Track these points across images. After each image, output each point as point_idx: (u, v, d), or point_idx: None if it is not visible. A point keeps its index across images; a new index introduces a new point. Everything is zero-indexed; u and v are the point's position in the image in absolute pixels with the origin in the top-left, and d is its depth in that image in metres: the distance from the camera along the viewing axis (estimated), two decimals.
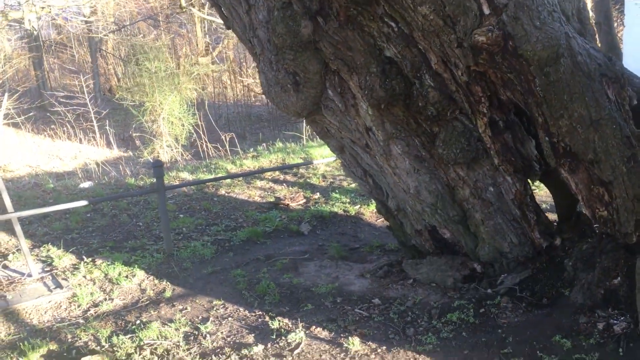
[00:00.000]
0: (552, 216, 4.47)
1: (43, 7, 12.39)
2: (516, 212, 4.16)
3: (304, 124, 11.69)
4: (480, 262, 4.37)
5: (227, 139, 10.53)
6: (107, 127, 14.66)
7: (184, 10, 12.88)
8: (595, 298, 3.68)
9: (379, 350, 3.68)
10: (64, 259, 5.49)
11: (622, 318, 3.54)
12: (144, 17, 23.70)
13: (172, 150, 10.91)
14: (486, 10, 3.19)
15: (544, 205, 4.62)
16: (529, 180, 4.18)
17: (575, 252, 3.98)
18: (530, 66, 3.16)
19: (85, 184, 8.52)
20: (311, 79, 4.10)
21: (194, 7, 12.53)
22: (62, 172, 11.94)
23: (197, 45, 23.10)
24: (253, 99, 20.79)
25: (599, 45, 14.45)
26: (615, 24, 14.88)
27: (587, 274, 3.79)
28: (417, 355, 3.58)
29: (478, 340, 3.67)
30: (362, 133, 4.29)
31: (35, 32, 19.12)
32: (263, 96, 20.74)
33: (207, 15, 12.73)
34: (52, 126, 16.61)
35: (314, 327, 4.04)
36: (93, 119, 15.58)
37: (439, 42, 3.52)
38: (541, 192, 5.81)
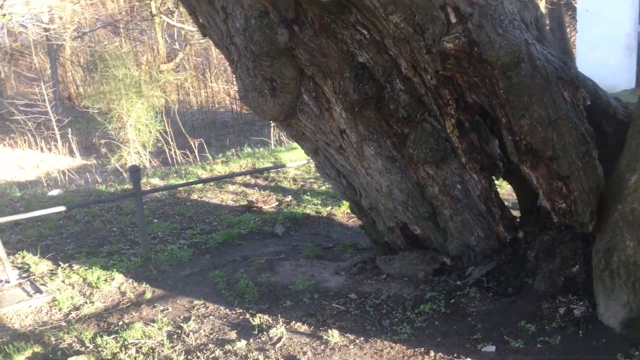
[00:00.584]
0: (516, 212, 4.75)
1: (4, 15, 12.21)
2: (482, 207, 4.43)
3: (272, 130, 11.86)
4: (450, 256, 4.63)
5: (196, 145, 10.60)
6: (70, 135, 14.50)
7: (154, 17, 12.87)
8: (556, 285, 3.96)
9: (357, 341, 3.88)
10: (40, 265, 5.52)
11: (581, 303, 3.83)
12: (104, 24, 23.46)
13: (140, 157, 10.91)
14: (453, 19, 3.44)
15: (507, 202, 4.90)
16: (494, 178, 4.45)
17: (537, 244, 4.27)
18: (494, 70, 3.42)
19: (54, 192, 8.48)
20: (287, 84, 4.28)
21: (162, 14, 12.56)
22: (25, 181, 11.79)
23: (158, 52, 22.97)
24: (217, 105, 20.81)
25: (553, 47, 15.08)
26: (568, 30, 15.56)
27: (548, 263, 4.09)
28: (394, 344, 3.79)
29: (449, 328, 3.91)
30: (336, 135, 4.49)
31: None
32: (227, 102, 20.83)
33: (177, 22, 12.77)
34: (12, 135, 16.31)
35: (293, 322, 4.21)
36: (55, 127, 15.38)
37: (409, 49, 3.75)
38: (503, 191, 6.12)
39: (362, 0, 3.60)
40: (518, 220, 4.62)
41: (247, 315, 4.36)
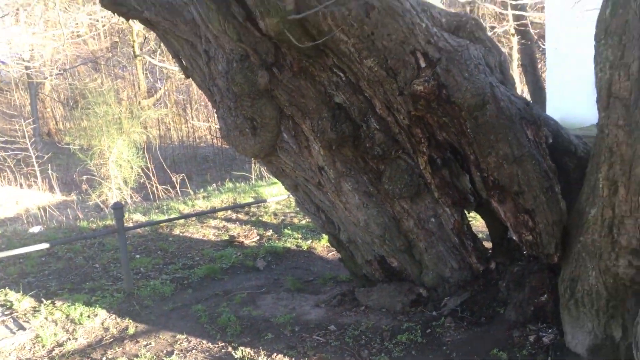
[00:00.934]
0: (488, 244, 4.95)
1: None
2: (455, 240, 4.63)
3: (253, 165, 12.02)
4: (426, 287, 4.79)
5: (178, 180, 10.72)
6: (50, 172, 14.50)
7: (137, 57, 13.13)
8: (526, 314, 4.15)
9: None
10: (23, 302, 5.56)
11: (550, 331, 4.02)
12: (85, 61, 23.65)
13: (121, 192, 10.98)
14: (422, 64, 3.69)
15: (480, 235, 5.10)
16: (466, 211, 4.66)
17: (508, 275, 4.46)
18: (461, 111, 3.65)
19: (35, 229, 8.50)
20: (268, 123, 4.48)
21: (144, 54, 12.83)
22: (4, 218, 11.75)
23: (139, 87, 23.14)
24: (198, 140, 20.95)
25: (527, 85, 15.59)
26: (540, 66, 16.13)
27: (518, 293, 4.28)
28: None
29: (426, 357, 4.05)
30: (315, 172, 4.68)
31: None
32: (208, 137, 21.00)
33: (158, 62, 13.05)
34: None
35: (275, 354, 4.31)
36: (35, 163, 15.37)
37: (382, 91, 3.98)
38: (477, 223, 6.33)
39: (339, 46, 3.83)
40: (490, 251, 4.81)
41: (230, 349, 4.45)
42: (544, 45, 11.84)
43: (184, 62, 4.85)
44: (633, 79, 2.89)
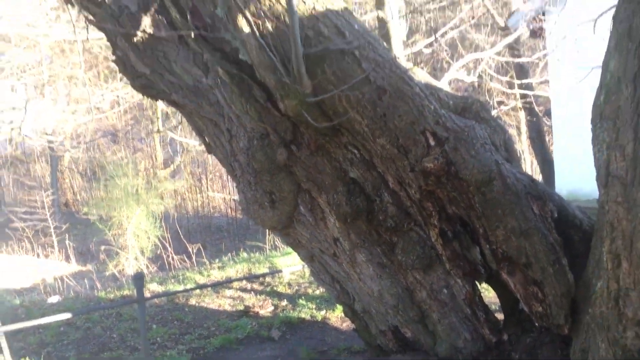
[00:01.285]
0: (500, 315, 5.03)
1: (13, 129, 12.93)
2: (467, 311, 4.72)
3: (267, 235, 12.21)
4: (439, 358, 4.85)
5: (194, 251, 10.91)
6: (67, 242, 14.76)
7: (160, 132, 13.71)
8: None
9: None
10: None
11: None
12: (105, 134, 24.43)
13: (137, 262, 11.16)
14: (432, 142, 3.94)
15: (492, 306, 5.19)
16: (477, 282, 4.78)
17: (520, 346, 4.53)
18: (469, 187, 3.87)
19: (53, 299, 8.65)
20: (286, 197, 4.71)
21: (167, 130, 13.40)
22: (21, 288, 11.91)
23: (156, 159, 23.74)
24: (212, 209, 21.27)
25: (535, 157, 15.88)
26: (548, 138, 16.48)
27: None
28: None
29: None
30: (330, 243, 4.86)
31: None
32: (222, 207, 21.31)
33: (179, 136, 13.61)
34: (10, 242, 16.51)
35: None
36: (53, 234, 15.66)
37: (394, 167, 4.22)
38: (490, 294, 6.40)
39: (353, 125, 4.11)
40: (502, 323, 4.89)
41: None
42: (550, 121, 12.19)
43: (207, 139, 5.14)
44: (628, 159, 3.10)
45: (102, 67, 19.89)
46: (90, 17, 4.58)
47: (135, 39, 4.43)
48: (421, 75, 4.55)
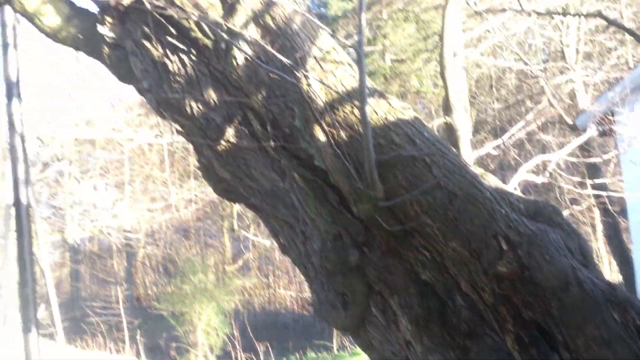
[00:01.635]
0: None
1: (94, 226, 13.79)
2: None
3: (334, 334, 12.06)
4: None
5: (262, 350, 10.90)
6: (138, 337, 15.05)
7: (235, 231, 14.31)
8: None
9: None
10: None
11: None
12: (178, 230, 25.36)
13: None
14: (505, 247, 3.97)
15: None
16: None
17: None
18: (545, 292, 3.83)
19: None
20: (357, 298, 4.77)
21: (242, 229, 13.96)
22: None
23: (225, 254, 24.25)
24: (278, 305, 21.28)
25: (612, 256, 15.20)
26: (625, 236, 15.80)
27: None
28: None
29: None
30: (402, 346, 4.82)
31: (77, 246, 20.53)
32: (288, 304, 21.28)
33: (252, 235, 14.14)
34: (84, 336, 16.96)
35: None
36: (125, 329, 16.03)
37: (467, 270, 4.24)
38: None
39: (424, 229, 4.21)
40: None
41: None
42: (626, 221, 11.80)
43: (281, 240, 5.34)
44: None
45: (177, 166, 21.06)
46: (179, 128, 5.03)
47: (219, 148, 4.79)
48: (492, 180, 4.65)
